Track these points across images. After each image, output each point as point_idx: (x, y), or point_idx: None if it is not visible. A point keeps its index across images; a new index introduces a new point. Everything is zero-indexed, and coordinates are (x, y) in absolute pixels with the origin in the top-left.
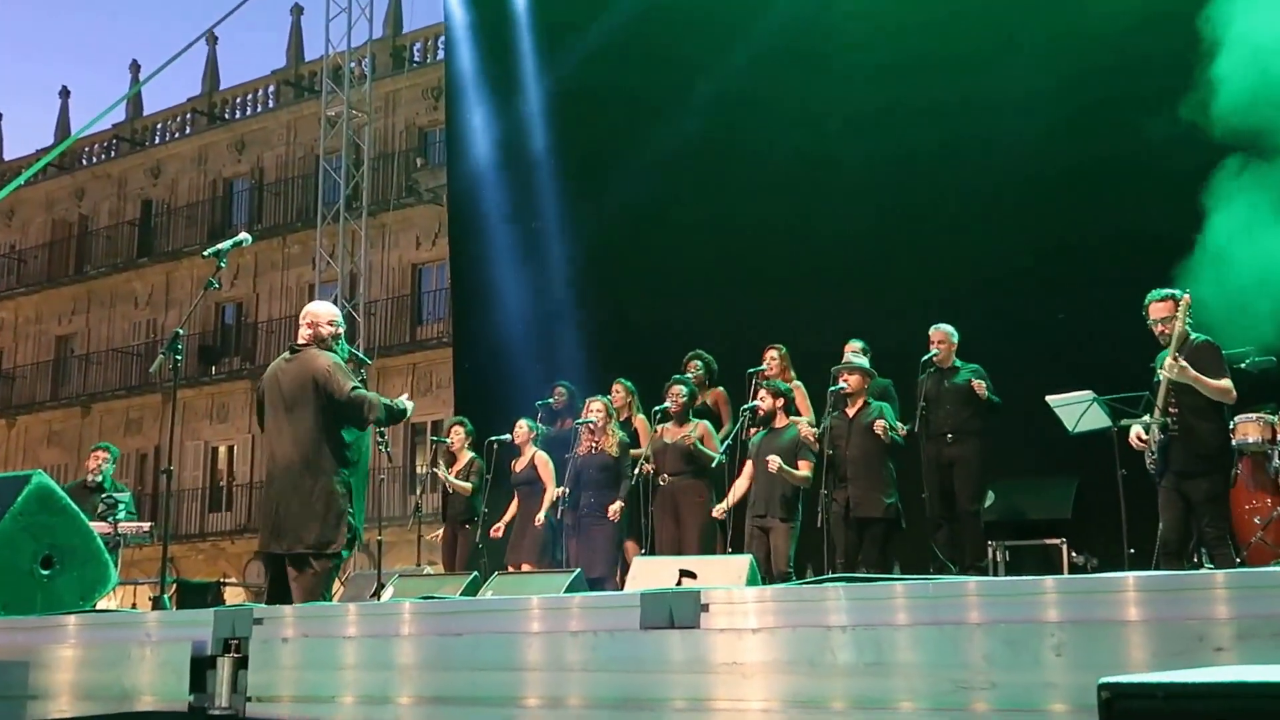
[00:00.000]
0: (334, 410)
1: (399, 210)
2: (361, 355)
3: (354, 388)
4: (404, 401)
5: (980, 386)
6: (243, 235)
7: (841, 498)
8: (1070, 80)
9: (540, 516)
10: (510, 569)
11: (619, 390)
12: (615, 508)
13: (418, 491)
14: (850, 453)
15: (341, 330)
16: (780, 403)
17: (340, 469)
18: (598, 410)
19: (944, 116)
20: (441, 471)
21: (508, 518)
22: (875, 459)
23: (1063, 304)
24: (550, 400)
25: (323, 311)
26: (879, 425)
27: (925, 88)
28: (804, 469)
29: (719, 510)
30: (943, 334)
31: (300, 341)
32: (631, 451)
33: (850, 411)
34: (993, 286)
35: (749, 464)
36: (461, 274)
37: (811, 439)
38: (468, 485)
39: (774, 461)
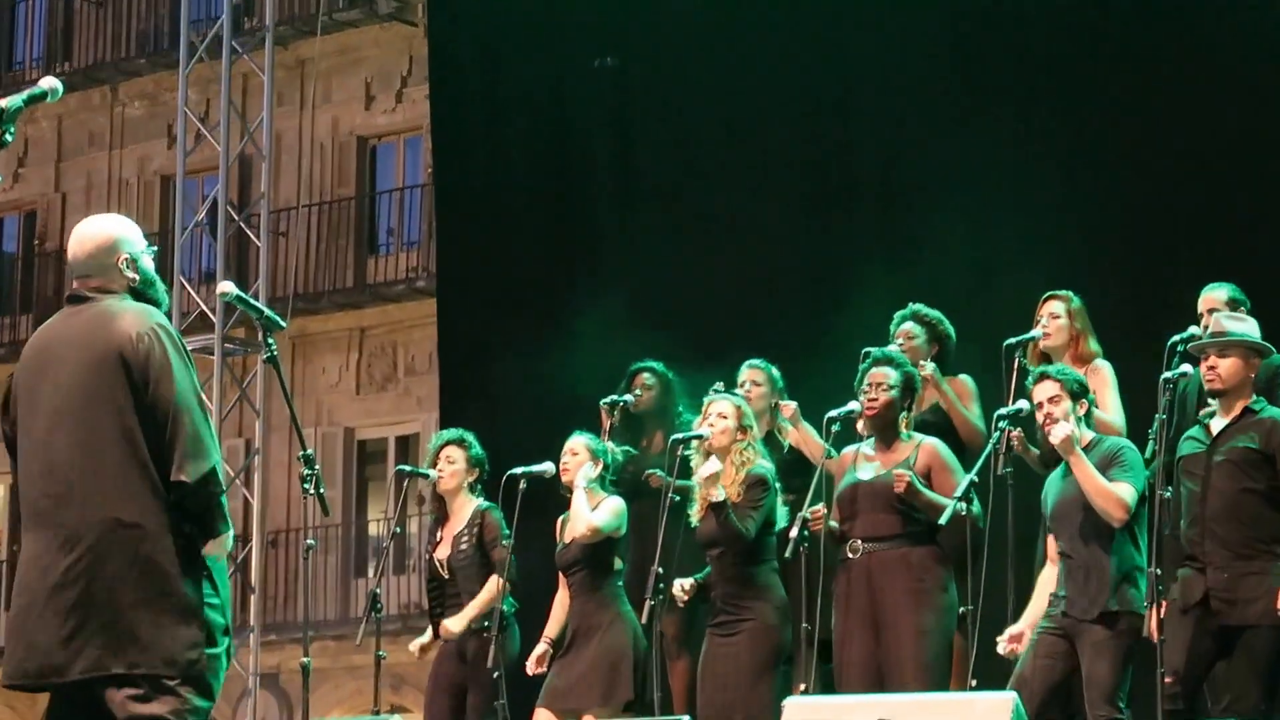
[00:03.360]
0: (154, 424)
1: (334, 34)
2: (271, 314)
3: (192, 387)
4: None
5: None
6: (47, 83)
7: (1194, 586)
8: None
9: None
10: (541, 716)
11: (755, 379)
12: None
13: (374, 572)
14: (1212, 501)
15: (150, 263)
16: (1083, 408)
17: (177, 528)
18: (724, 416)
19: None
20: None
21: (553, 628)
22: (1263, 515)
23: None
24: (627, 397)
25: (112, 233)
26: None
27: None
28: (1119, 486)
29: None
30: None
31: (89, 286)
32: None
33: (1216, 425)
34: None
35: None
36: (452, 158)
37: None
38: (480, 604)
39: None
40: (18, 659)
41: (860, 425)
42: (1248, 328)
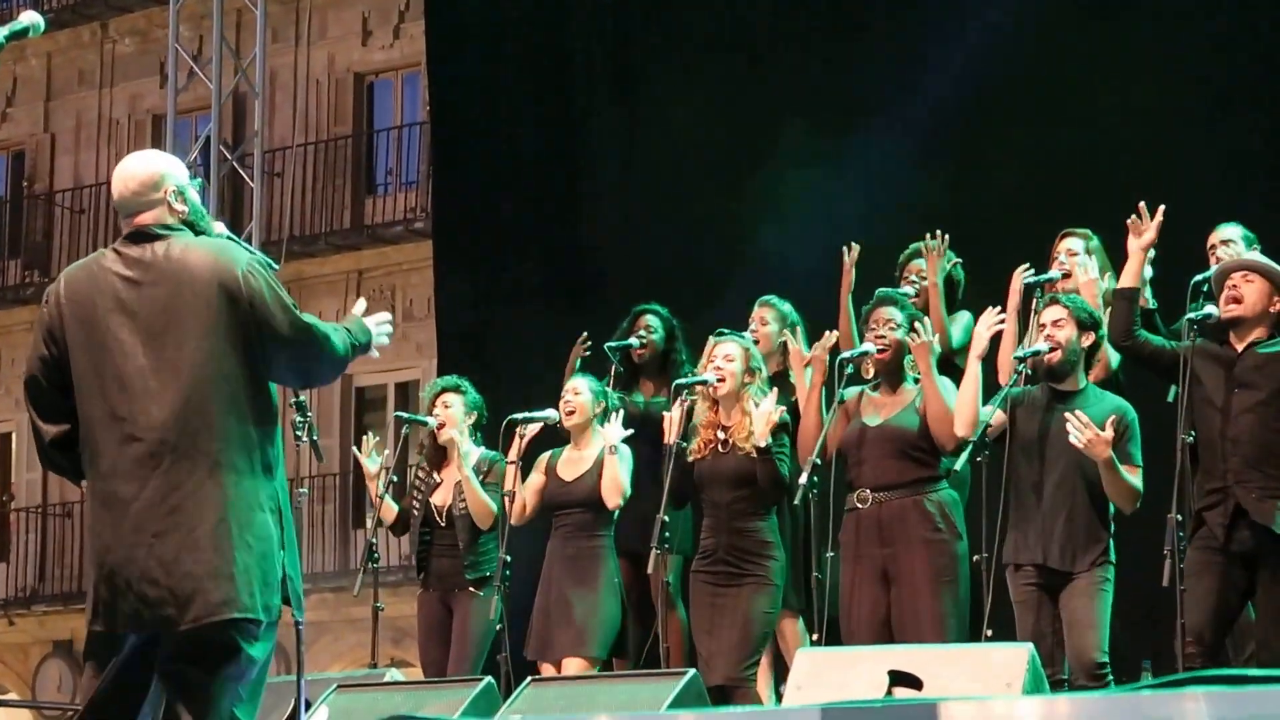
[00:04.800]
0: (264, 356)
1: None
2: (261, 254)
3: (295, 306)
4: (362, 320)
5: None
6: (28, 17)
7: (1216, 520)
8: None
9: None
10: (548, 669)
11: (765, 317)
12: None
13: (370, 524)
14: (1235, 430)
15: (197, 197)
16: (1088, 340)
17: (266, 469)
18: (731, 360)
19: None
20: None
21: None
22: None
23: None
24: (631, 342)
25: (157, 167)
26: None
27: None
28: (1134, 476)
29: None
30: None
31: (150, 221)
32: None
33: (1240, 348)
34: None
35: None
36: (449, 94)
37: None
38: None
39: (1085, 433)
40: (124, 607)
41: (874, 367)
42: (1262, 254)
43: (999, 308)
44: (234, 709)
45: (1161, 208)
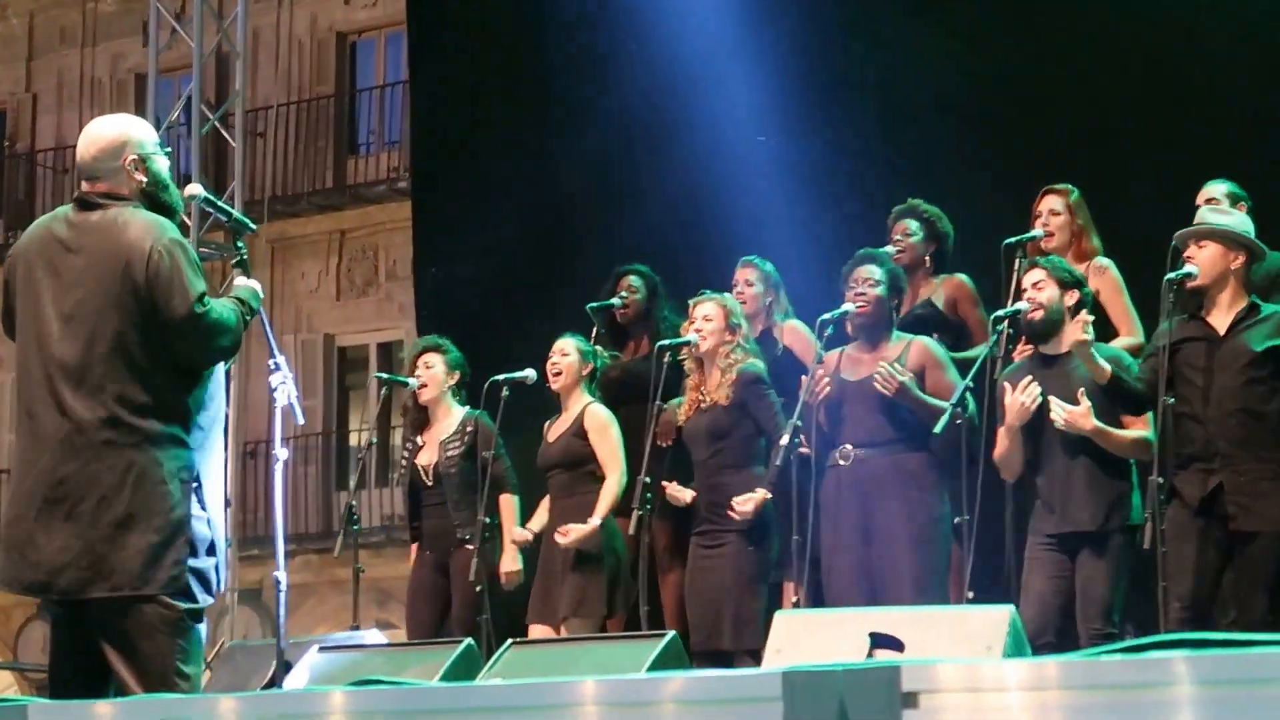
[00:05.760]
0: (161, 334)
1: None
2: (240, 216)
3: (202, 295)
4: (245, 284)
5: None
6: None
7: (1195, 484)
8: None
9: (593, 522)
10: (535, 631)
11: (749, 277)
12: (748, 501)
13: (351, 484)
14: (1214, 401)
15: (164, 164)
16: (1073, 298)
17: (173, 440)
18: (710, 318)
19: None
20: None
21: (535, 524)
22: (1271, 417)
23: None
24: (614, 301)
25: (121, 133)
26: None
27: None
28: (1138, 426)
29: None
30: None
31: (96, 190)
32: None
33: (1214, 320)
34: None
35: (1008, 427)
36: (428, 53)
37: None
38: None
39: (1061, 415)
40: (7, 566)
41: (853, 323)
42: (1231, 220)
43: (1032, 382)
44: (176, 664)
45: None
